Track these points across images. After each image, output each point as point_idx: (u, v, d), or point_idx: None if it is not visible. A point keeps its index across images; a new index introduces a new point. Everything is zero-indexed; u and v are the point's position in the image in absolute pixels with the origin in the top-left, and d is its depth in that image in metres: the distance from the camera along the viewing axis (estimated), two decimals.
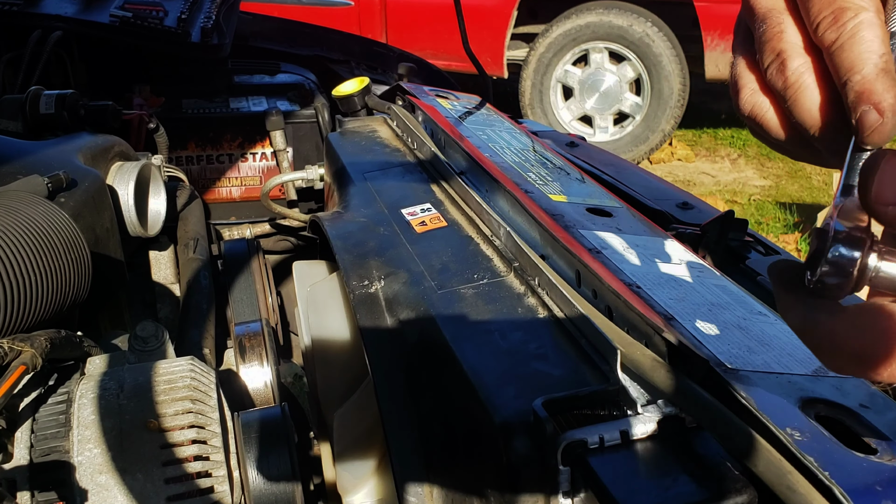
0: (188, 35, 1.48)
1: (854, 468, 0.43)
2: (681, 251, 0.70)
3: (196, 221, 1.12)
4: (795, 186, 4.44)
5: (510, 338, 0.61)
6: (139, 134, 1.28)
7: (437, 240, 0.77)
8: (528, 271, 0.67)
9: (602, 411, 0.50)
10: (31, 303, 0.61)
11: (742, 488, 0.44)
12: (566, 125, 4.48)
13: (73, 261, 0.68)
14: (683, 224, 0.88)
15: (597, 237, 0.69)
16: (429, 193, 0.87)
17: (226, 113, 1.51)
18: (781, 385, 0.50)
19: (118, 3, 1.50)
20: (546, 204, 0.76)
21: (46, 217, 0.68)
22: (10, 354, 0.52)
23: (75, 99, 1.06)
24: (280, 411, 0.64)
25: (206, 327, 0.88)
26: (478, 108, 1.14)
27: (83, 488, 0.51)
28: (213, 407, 0.58)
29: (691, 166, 4.73)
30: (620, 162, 1.13)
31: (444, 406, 0.59)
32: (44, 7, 1.45)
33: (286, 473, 0.58)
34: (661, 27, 4.25)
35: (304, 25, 1.93)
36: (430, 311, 0.65)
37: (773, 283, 0.35)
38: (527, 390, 0.53)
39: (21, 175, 0.75)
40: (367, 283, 0.72)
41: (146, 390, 0.57)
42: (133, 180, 0.94)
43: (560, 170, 0.89)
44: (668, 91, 4.33)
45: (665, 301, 0.59)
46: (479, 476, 0.53)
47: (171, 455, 0.54)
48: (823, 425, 0.46)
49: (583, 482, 0.46)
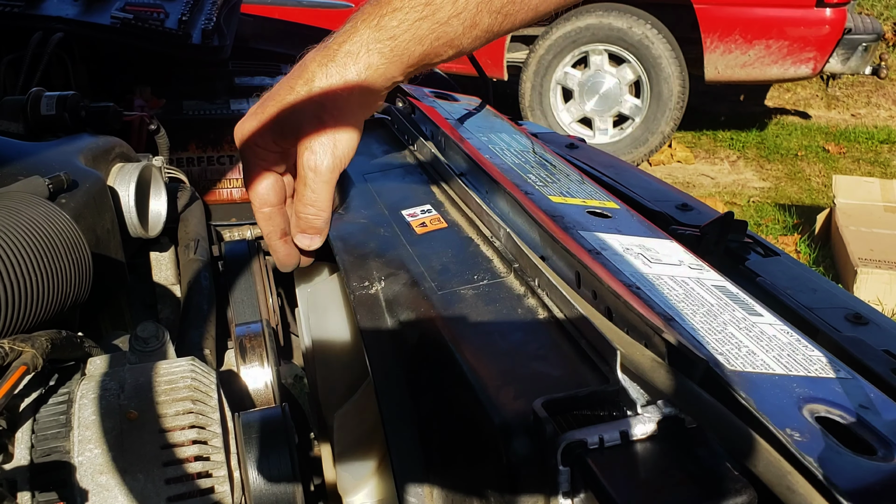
0: (189, 37, 1.48)
1: (854, 469, 0.43)
2: (680, 252, 0.70)
3: (197, 223, 1.12)
4: (794, 188, 4.44)
5: (510, 338, 0.61)
6: (140, 135, 1.28)
7: (438, 241, 0.77)
8: (527, 272, 0.68)
9: (602, 412, 0.51)
10: (32, 303, 0.62)
11: (742, 489, 0.44)
12: (566, 127, 4.49)
13: (74, 261, 0.69)
14: (683, 225, 0.88)
15: (596, 238, 0.69)
16: (429, 195, 0.87)
17: (227, 114, 1.51)
18: (781, 386, 0.50)
19: (119, 5, 1.50)
20: (546, 205, 0.76)
21: (47, 218, 0.68)
22: (10, 355, 0.52)
23: (76, 100, 1.07)
24: (280, 412, 0.64)
25: (206, 328, 0.88)
26: (478, 109, 1.14)
27: (84, 489, 0.51)
28: (213, 407, 0.58)
29: (691, 168, 4.73)
30: (620, 164, 1.13)
31: (444, 406, 0.59)
32: (45, 9, 1.46)
33: (287, 474, 0.58)
34: (660, 29, 4.25)
35: (304, 27, 1.93)
36: (430, 312, 0.65)
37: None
38: (526, 391, 0.53)
39: (22, 176, 0.75)
40: (368, 283, 0.72)
41: (147, 391, 0.57)
42: (134, 181, 0.94)
43: (560, 171, 0.89)
44: (667, 93, 4.33)
45: (665, 302, 0.59)
46: (479, 476, 0.53)
47: (172, 455, 0.54)
48: (823, 426, 0.46)
49: (583, 482, 0.46)
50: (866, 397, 0.50)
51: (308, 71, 0.66)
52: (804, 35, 4.11)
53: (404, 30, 0.63)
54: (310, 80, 0.65)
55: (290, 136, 0.68)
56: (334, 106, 0.66)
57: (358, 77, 0.65)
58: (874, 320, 0.73)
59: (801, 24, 4.10)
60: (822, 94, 5.84)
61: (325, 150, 0.66)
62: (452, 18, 0.63)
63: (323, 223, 0.72)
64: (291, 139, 0.68)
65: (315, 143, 0.66)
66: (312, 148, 0.66)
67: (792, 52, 4.14)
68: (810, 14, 4.07)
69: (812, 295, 0.77)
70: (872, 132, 5.28)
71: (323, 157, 0.67)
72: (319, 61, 0.66)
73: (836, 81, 5.49)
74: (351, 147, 0.69)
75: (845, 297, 0.80)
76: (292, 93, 0.66)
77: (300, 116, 0.66)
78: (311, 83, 0.65)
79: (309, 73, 0.66)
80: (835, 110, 5.75)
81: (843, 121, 5.56)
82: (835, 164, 4.77)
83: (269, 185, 0.71)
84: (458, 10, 0.63)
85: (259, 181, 0.71)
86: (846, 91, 5.88)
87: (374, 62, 0.64)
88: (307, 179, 0.68)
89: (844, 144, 5.06)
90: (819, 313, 0.73)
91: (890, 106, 5.74)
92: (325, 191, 0.69)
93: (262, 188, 0.71)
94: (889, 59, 5.28)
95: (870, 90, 5.85)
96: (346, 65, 0.65)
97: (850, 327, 0.72)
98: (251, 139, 0.69)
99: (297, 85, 0.66)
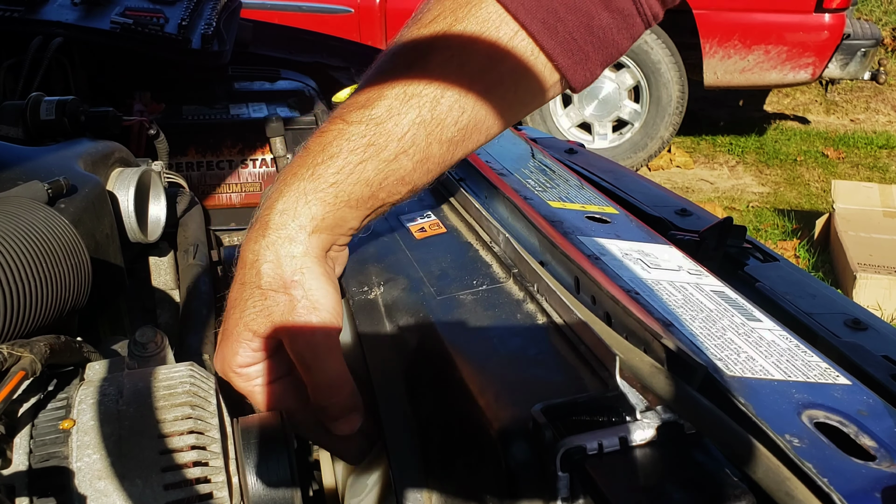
0: (189, 42, 1.48)
1: (853, 474, 0.43)
2: (679, 258, 0.70)
3: (196, 227, 1.12)
4: (794, 193, 4.44)
5: (509, 344, 0.61)
6: (139, 140, 1.28)
7: (437, 246, 0.77)
8: (527, 277, 0.68)
9: (601, 417, 0.51)
10: (30, 308, 0.62)
11: (741, 494, 0.44)
12: (565, 132, 4.49)
13: (73, 266, 0.69)
14: (682, 230, 0.88)
15: (595, 243, 0.69)
16: (428, 200, 0.88)
17: (226, 119, 1.51)
18: (780, 392, 0.50)
19: (119, 10, 1.51)
20: (545, 210, 0.76)
21: (46, 223, 0.68)
22: (9, 360, 0.52)
23: (76, 105, 1.07)
24: (279, 417, 0.64)
25: (205, 333, 0.88)
26: None
27: (82, 494, 0.51)
28: (212, 413, 0.58)
29: (690, 173, 4.74)
30: (619, 169, 1.13)
31: (443, 412, 0.59)
32: (45, 13, 1.46)
33: (285, 479, 0.58)
34: (659, 34, 4.26)
35: (304, 32, 1.93)
36: (429, 317, 0.65)
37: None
38: (525, 396, 0.53)
39: (21, 181, 0.75)
40: (367, 288, 0.72)
41: (145, 396, 0.57)
42: (133, 186, 0.94)
43: (559, 176, 0.89)
44: (666, 98, 4.34)
45: (664, 307, 0.59)
46: (479, 482, 0.53)
47: (171, 461, 0.54)
48: (822, 432, 0.46)
49: (581, 488, 0.46)
50: (865, 403, 0.50)
51: (250, 254, 0.57)
52: (803, 40, 4.11)
53: (346, 174, 0.57)
54: (255, 263, 0.57)
55: (267, 333, 0.57)
56: (293, 273, 0.56)
57: (304, 231, 0.57)
58: (873, 326, 0.73)
59: (799, 30, 4.10)
60: (821, 99, 5.85)
61: (307, 321, 0.56)
62: (400, 155, 0.57)
63: (352, 396, 0.60)
64: (270, 335, 0.58)
65: (296, 320, 0.56)
66: (295, 327, 0.56)
67: (791, 57, 4.15)
68: (809, 19, 4.08)
69: (811, 300, 0.77)
70: (871, 137, 5.29)
71: (310, 332, 0.56)
72: (255, 237, 0.57)
73: (834, 87, 5.49)
74: (331, 295, 0.58)
75: (844, 302, 0.80)
76: (245, 289, 0.57)
77: (266, 306, 0.56)
78: (257, 265, 0.57)
79: (252, 256, 0.57)
80: (834, 115, 5.76)
81: (842, 126, 5.57)
82: (834, 169, 4.78)
83: (281, 395, 0.60)
84: (404, 146, 0.57)
85: (270, 400, 0.60)
86: (845, 96, 5.89)
87: (318, 213, 0.57)
88: (306, 363, 0.57)
89: (843, 150, 5.07)
90: (818, 319, 0.73)
91: (889, 111, 5.75)
92: (331, 365, 0.58)
93: (277, 403, 0.60)
94: (888, 65, 5.29)
95: (869, 95, 5.86)
96: (284, 225, 0.56)
97: (850, 333, 0.72)
98: (233, 367, 0.59)
99: (247, 278, 0.57)
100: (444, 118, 0.58)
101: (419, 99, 0.57)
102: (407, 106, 0.57)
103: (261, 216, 0.58)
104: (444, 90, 0.57)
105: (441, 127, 0.58)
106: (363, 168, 0.57)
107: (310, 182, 0.57)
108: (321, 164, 0.57)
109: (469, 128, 0.60)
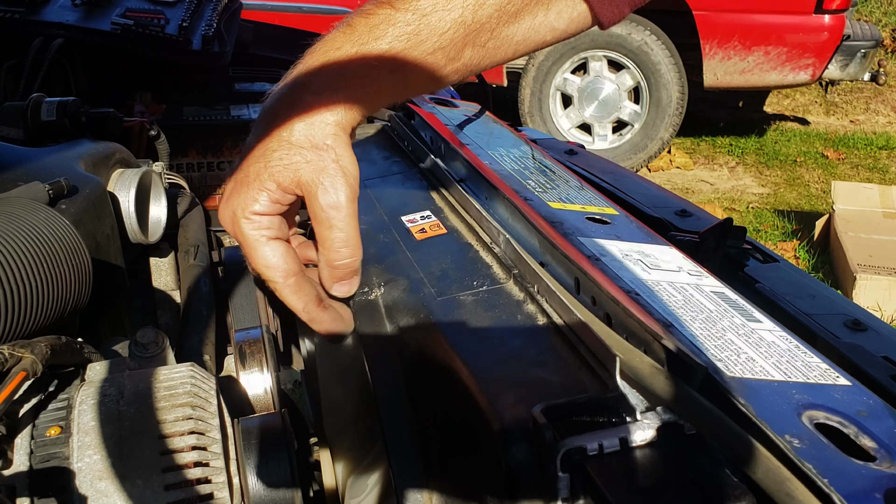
0: (189, 43, 1.49)
1: (853, 475, 0.43)
2: (679, 258, 0.70)
3: (197, 228, 1.12)
4: (794, 194, 4.45)
5: (509, 344, 0.61)
6: (140, 141, 1.29)
7: (437, 247, 0.77)
8: (527, 278, 0.68)
9: (601, 418, 0.51)
10: (31, 309, 0.62)
11: (741, 495, 0.44)
12: (565, 133, 4.49)
13: (74, 267, 0.69)
14: (682, 231, 0.88)
15: (596, 244, 0.69)
16: (428, 201, 0.88)
17: (227, 120, 1.52)
18: (780, 392, 0.50)
19: (119, 11, 1.51)
20: (545, 211, 0.76)
21: (47, 223, 0.68)
22: (10, 360, 0.52)
23: (77, 106, 1.07)
24: (280, 418, 0.64)
25: (206, 334, 0.88)
26: (477, 115, 1.15)
27: (83, 494, 0.51)
28: (213, 413, 0.58)
29: (690, 174, 4.74)
30: (619, 170, 1.14)
31: (443, 412, 0.59)
32: (45, 15, 1.46)
33: (286, 480, 0.58)
34: (659, 36, 4.26)
35: (304, 33, 1.93)
36: (429, 318, 0.65)
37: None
38: (526, 397, 0.53)
39: (22, 181, 0.75)
40: (367, 289, 0.72)
41: (146, 396, 0.57)
42: (134, 187, 0.94)
43: (559, 177, 0.89)
44: (666, 99, 4.34)
45: (664, 308, 0.59)
46: (479, 482, 0.53)
47: (171, 461, 0.54)
48: (822, 433, 0.46)
49: (582, 489, 0.46)
50: (865, 404, 0.50)
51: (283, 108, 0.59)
52: (803, 41, 4.12)
53: (387, 60, 0.59)
54: (287, 119, 0.59)
55: (290, 186, 0.60)
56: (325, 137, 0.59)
57: (339, 103, 0.59)
58: (873, 326, 0.73)
59: (799, 31, 4.11)
60: (820, 100, 5.85)
61: (336, 181, 0.59)
62: (437, 51, 0.60)
63: (359, 262, 0.63)
64: (292, 189, 0.60)
65: (324, 179, 0.59)
66: (323, 185, 0.59)
67: (791, 58, 4.16)
68: (809, 21, 4.09)
69: (811, 301, 0.78)
70: (871, 138, 5.29)
71: (338, 189, 0.59)
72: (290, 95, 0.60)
73: (834, 88, 5.50)
74: (356, 165, 0.61)
75: (844, 303, 0.80)
76: (272, 140, 0.59)
77: (294, 162, 0.58)
78: (290, 123, 0.58)
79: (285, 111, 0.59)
80: (833, 116, 5.76)
81: (841, 127, 5.58)
82: (834, 170, 4.78)
83: (284, 253, 0.62)
84: (442, 43, 0.59)
85: (271, 254, 0.62)
86: (845, 97, 5.89)
87: (356, 90, 0.59)
88: (331, 220, 0.60)
89: (843, 150, 5.07)
90: (818, 319, 0.73)
91: (888, 112, 5.75)
92: (353, 226, 0.61)
93: (278, 259, 0.62)
94: (887, 66, 5.29)
95: (868, 96, 5.87)
96: (321, 92, 0.59)
97: (850, 333, 0.72)
98: (246, 211, 0.60)
99: (274, 131, 0.59)
100: (483, 23, 0.61)
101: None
102: (452, 3, 0.59)
103: (299, 76, 0.60)
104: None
105: (479, 32, 0.61)
106: (404, 56, 0.59)
107: (353, 60, 0.59)
108: (366, 45, 0.59)
109: (501, 38, 0.63)
